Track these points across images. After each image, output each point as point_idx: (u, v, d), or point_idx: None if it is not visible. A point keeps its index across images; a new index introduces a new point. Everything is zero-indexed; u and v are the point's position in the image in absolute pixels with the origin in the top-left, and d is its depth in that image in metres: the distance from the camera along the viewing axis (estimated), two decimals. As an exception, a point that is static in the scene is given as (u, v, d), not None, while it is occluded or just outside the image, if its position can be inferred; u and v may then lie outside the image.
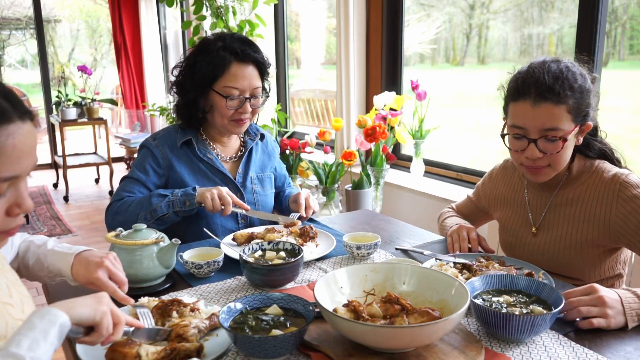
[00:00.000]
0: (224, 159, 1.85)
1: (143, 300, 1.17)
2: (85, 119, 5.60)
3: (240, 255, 1.34)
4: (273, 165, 1.98)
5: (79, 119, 5.57)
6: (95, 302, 0.92)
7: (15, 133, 0.82)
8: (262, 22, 3.64)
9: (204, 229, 1.61)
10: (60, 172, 5.74)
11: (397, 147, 3.39)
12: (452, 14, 4.24)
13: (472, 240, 1.56)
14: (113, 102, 6.39)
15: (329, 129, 3.17)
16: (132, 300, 1.14)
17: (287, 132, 4.08)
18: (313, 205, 1.79)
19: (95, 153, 6.38)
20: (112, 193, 5.75)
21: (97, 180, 6.40)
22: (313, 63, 6.76)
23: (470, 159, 4.29)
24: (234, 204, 1.64)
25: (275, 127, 3.82)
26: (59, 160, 5.75)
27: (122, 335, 0.96)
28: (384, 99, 2.93)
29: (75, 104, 5.59)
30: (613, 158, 1.48)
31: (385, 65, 3.32)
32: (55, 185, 6.12)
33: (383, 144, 2.77)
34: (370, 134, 2.72)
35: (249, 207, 1.70)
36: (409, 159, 3.18)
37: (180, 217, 1.67)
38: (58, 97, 5.67)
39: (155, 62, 6.97)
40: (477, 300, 1.11)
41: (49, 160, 6.70)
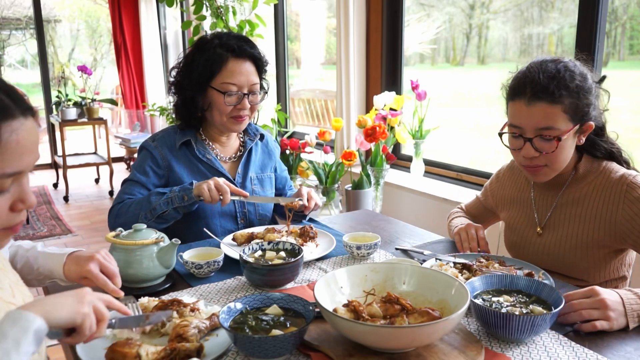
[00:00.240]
0: (223, 159, 1.85)
1: (143, 300, 1.18)
2: (85, 119, 5.61)
3: (240, 255, 1.34)
4: (273, 165, 1.98)
5: (79, 119, 5.57)
6: (76, 301, 0.86)
7: (19, 129, 0.83)
8: (262, 22, 3.64)
9: (204, 229, 1.61)
10: (60, 172, 5.74)
11: (397, 147, 3.39)
12: (452, 14, 4.24)
13: (480, 240, 1.55)
14: (113, 102, 6.39)
15: (329, 129, 3.17)
16: (121, 293, 1.15)
17: (287, 132, 4.08)
18: (315, 198, 1.77)
19: (95, 153, 6.38)
20: (112, 193, 5.75)
21: (97, 180, 6.40)
22: (313, 63, 6.77)
23: (470, 159, 4.30)
24: (233, 192, 1.63)
25: (275, 127, 3.82)
26: (59, 160, 5.75)
27: (105, 329, 0.92)
28: (384, 99, 2.93)
29: (75, 104, 5.59)
30: (621, 159, 1.46)
31: (385, 65, 3.32)
32: (55, 185, 6.13)
33: (383, 144, 2.77)
34: (370, 134, 2.72)
35: (248, 210, 1.69)
36: (409, 159, 3.18)
37: (181, 213, 1.67)
38: (58, 97, 5.67)
39: (155, 62, 6.97)
40: (477, 300, 1.11)
41: (49, 160, 6.70)
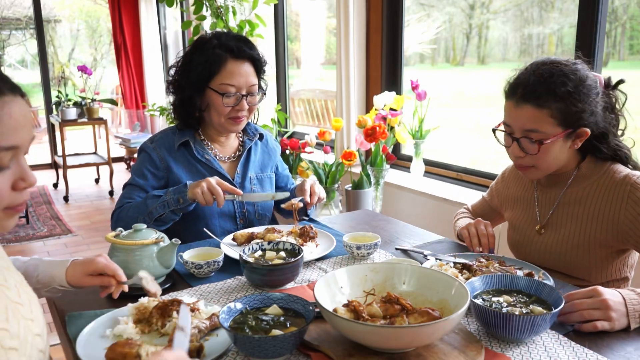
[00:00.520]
0: (222, 159, 1.84)
1: (143, 300, 1.17)
2: (85, 119, 5.61)
3: (240, 255, 1.34)
4: (274, 165, 1.98)
5: (79, 119, 5.58)
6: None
7: (10, 104, 0.87)
8: (262, 22, 3.64)
9: (204, 229, 1.61)
10: (60, 172, 5.74)
11: (397, 147, 3.39)
12: (452, 14, 4.24)
13: (489, 236, 1.53)
14: (113, 102, 6.40)
15: (329, 129, 3.17)
16: (125, 287, 1.19)
17: (287, 132, 4.07)
18: (319, 192, 1.77)
19: (95, 153, 6.38)
20: (112, 193, 5.75)
21: (97, 180, 6.40)
22: (313, 63, 6.77)
23: (470, 159, 4.30)
24: (226, 191, 1.62)
25: (275, 127, 3.82)
26: (59, 160, 5.75)
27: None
28: (384, 99, 2.93)
29: (75, 104, 5.59)
30: (628, 162, 1.44)
31: (385, 65, 3.32)
32: (55, 185, 6.12)
33: (383, 144, 2.77)
34: (370, 134, 2.72)
35: (248, 209, 1.69)
36: (409, 159, 3.18)
37: (179, 215, 1.67)
38: (58, 97, 5.67)
39: (155, 62, 6.97)
40: (477, 300, 1.10)
41: (49, 160, 6.70)
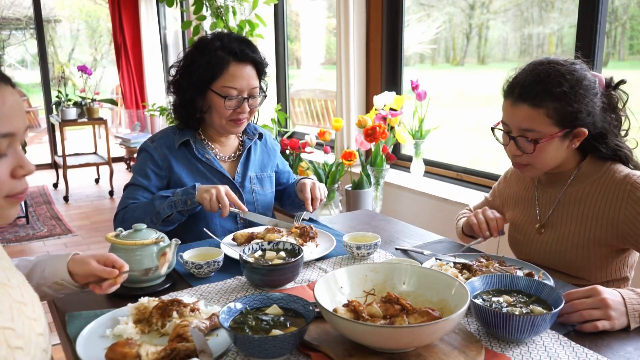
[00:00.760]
0: (223, 159, 1.85)
1: (143, 300, 1.17)
2: (85, 119, 5.61)
3: (240, 255, 1.34)
4: (274, 164, 1.98)
5: (79, 119, 5.58)
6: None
7: (2, 91, 0.88)
8: (262, 22, 3.64)
9: (204, 229, 1.61)
10: (60, 172, 5.74)
11: (397, 147, 3.39)
12: (452, 14, 4.24)
13: (497, 219, 1.52)
14: (113, 102, 6.39)
15: (329, 129, 3.17)
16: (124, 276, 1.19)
17: (287, 132, 4.07)
18: (320, 195, 1.78)
19: (95, 153, 6.38)
20: (112, 193, 5.75)
21: (97, 180, 6.40)
22: (313, 63, 6.76)
23: (470, 159, 4.29)
24: (233, 204, 1.64)
25: (275, 127, 3.82)
26: (59, 160, 5.75)
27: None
28: (384, 99, 2.93)
29: (75, 104, 5.59)
30: (629, 163, 1.44)
31: (385, 65, 3.32)
32: (55, 185, 6.12)
33: (383, 144, 2.77)
34: (370, 134, 2.72)
35: (248, 209, 1.69)
36: (409, 159, 3.18)
37: (186, 216, 1.67)
38: (58, 97, 5.67)
39: (155, 62, 6.97)
40: (477, 300, 1.10)
41: (49, 160, 6.70)
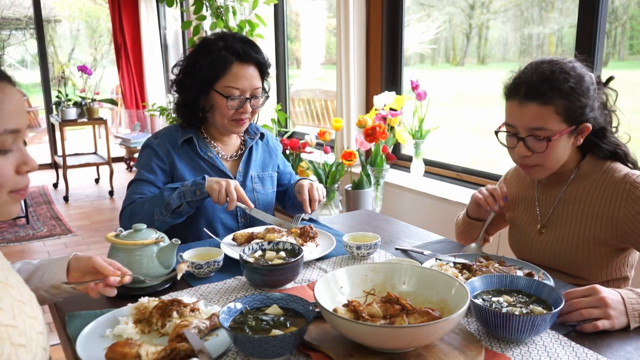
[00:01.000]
0: (225, 158, 1.85)
1: (143, 300, 1.17)
2: (85, 119, 5.61)
3: (240, 255, 1.34)
4: (275, 164, 1.98)
5: (79, 119, 5.58)
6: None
7: (8, 89, 0.90)
8: (262, 22, 3.64)
9: (204, 229, 1.61)
10: (60, 172, 5.74)
11: (397, 147, 3.39)
12: (452, 14, 4.24)
13: (500, 188, 1.55)
14: (113, 102, 6.39)
15: (329, 129, 3.17)
16: (126, 278, 1.17)
17: (287, 132, 4.08)
18: (318, 196, 1.78)
19: (95, 153, 6.38)
20: (112, 193, 5.75)
21: (97, 180, 6.40)
22: (313, 63, 6.76)
23: (470, 159, 4.29)
24: (240, 199, 1.64)
25: (275, 127, 3.82)
26: (59, 160, 5.75)
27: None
28: (384, 99, 2.93)
29: (75, 104, 5.59)
30: (627, 160, 1.45)
31: (385, 65, 3.32)
32: (55, 185, 6.12)
33: (383, 144, 2.77)
34: (370, 134, 2.72)
35: (253, 206, 1.70)
36: (409, 159, 3.18)
37: (194, 208, 1.67)
38: (58, 97, 5.68)
39: (155, 62, 6.97)
40: (477, 300, 1.10)
41: (49, 160, 6.70)
